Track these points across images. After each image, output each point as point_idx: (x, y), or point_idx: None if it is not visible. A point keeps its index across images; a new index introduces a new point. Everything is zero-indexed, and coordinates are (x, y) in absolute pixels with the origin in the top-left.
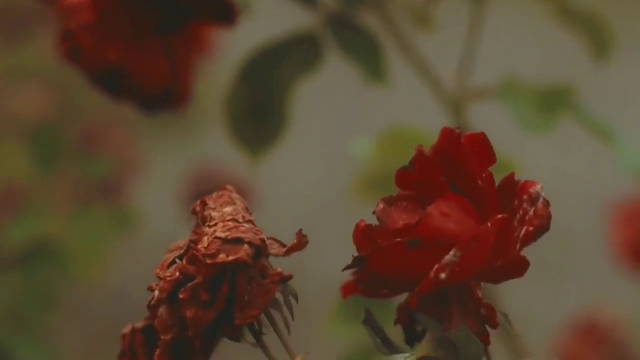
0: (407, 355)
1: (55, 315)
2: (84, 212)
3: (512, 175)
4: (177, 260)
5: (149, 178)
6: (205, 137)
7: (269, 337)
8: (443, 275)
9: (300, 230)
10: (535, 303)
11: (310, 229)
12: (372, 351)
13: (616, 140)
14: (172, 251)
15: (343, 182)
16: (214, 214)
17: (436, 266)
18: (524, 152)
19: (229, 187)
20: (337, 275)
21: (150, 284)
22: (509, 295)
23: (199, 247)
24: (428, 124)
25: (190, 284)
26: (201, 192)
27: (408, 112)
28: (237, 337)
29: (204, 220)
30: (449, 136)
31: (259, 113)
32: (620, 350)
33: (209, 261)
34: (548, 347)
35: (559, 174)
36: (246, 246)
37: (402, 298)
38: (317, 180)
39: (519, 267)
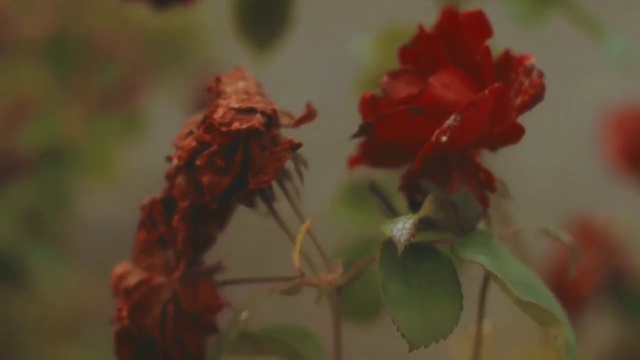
0: (409, 216)
1: (67, 218)
2: (95, 118)
3: (508, 50)
4: (194, 130)
5: (157, 85)
6: (211, 45)
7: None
8: (444, 138)
9: (309, 102)
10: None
11: (312, 134)
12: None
13: (604, 34)
14: (188, 124)
15: (346, 84)
16: (227, 88)
17: (437, 130)
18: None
19: (241, 66)
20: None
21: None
22: None
23: (214, 116)
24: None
25: (206, 151)
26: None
27: (408, 11)
28: (250, 203)
29: (218, 95)
30: (448, 14)
31: (265, 10)
32: (613, 251)
33: (223, 129)
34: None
35: (553, 79)
36: (258, 115)
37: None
38: (321, 84)
39: (515, 134)
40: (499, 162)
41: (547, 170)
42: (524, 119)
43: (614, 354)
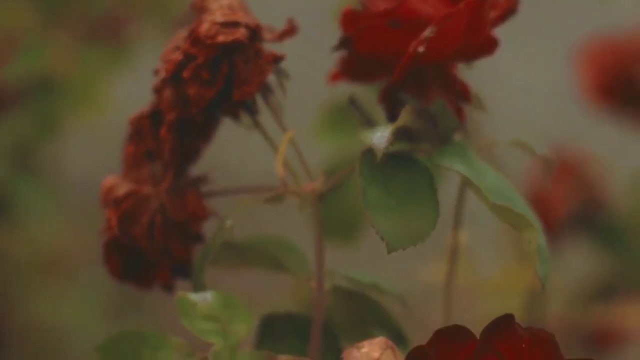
0: (388, 125)
1: (56, 151)
2: (83, 50)
3: None
4: (181, 45)
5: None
6: None
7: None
8: (421, 49)
9: (291, 17)
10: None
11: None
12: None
13: None
14: (175, 39)
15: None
16: (212, 5)
17: (414, 42)
18: None
19: None
20: (324, 88)
21: None
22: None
23: (200, 30)
24: None
25: (192, 64)
26: None
27: None
28: (235, 115)
29: (203, 11)
30: None
31: None
32: (586, 182)
33: (208, 42)
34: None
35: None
36: (243, 28)
37: None
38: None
39: (490, 46)
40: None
41: (522, 102)
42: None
43: (587, 284)
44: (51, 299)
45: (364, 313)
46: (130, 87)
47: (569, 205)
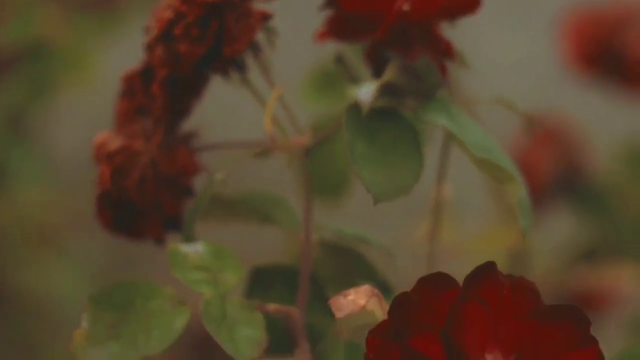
0: (373, 81)
1: (48, 118)
2: (75, 16)
3: None
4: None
5: None
6: None
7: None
8: (406, 7)
9: None
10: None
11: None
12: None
13: None
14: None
15: None
16: None
17: (399, 0)
18: None
19: None
20: (312, 48)
21: None
22: None
23: None
24: None
25: (182, 21)
26: None
27: None
28: (225, 72)
29: None
30: None
31: None
32: (569, 149)
33: (199, 0)
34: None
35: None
36: None
37: None
38: None
39: (472, 5)
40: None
41: (505, 69)
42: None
43: (570, 246)
44: (40, 268)
45: (351, 266)
46: (121, 56)
47: (551, 170)
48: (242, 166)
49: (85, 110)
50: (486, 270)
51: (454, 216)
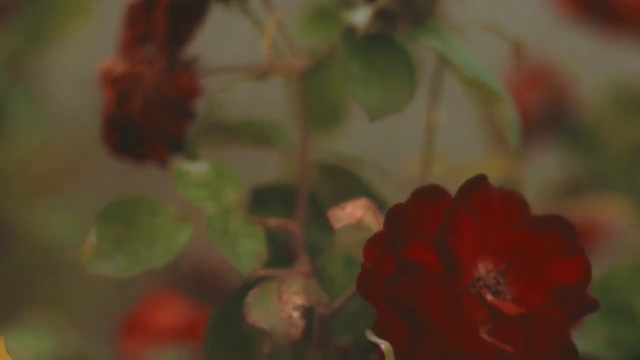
0: (367, 6)
1: (48, 65)
2: None
3: None
4: None
5: None
6: None
7: None
8: None
9: None
10: None
11: None
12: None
13: None
14: None
15: None
16: None
17: None
18: None
19: None
20: None
21: None
22: None
23: None
24: None
25: None
26: None
27: None
28: (224, 0)
29: None
30: None
31: None
32: (558, 89)
33: None
34: None
35: None
36: None
37: None
38: None
39: None
40: None
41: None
42: None
43: (557, 182)
44: (40, 213)
45: (348, 187)
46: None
47: (539, 108)
48: (241, 92)
49: (85, 56)
50: (477, 182)
51: (446, 145)
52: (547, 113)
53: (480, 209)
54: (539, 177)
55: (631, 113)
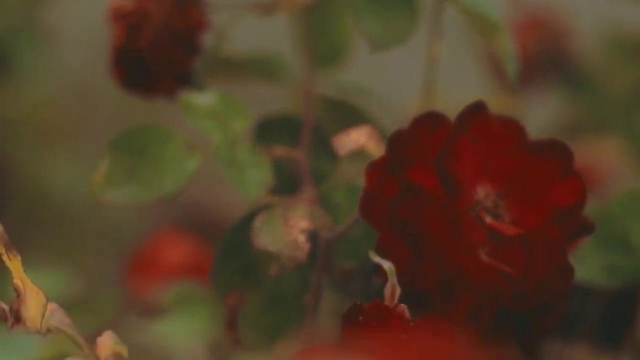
0: None
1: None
2: None
3: None
4: None
5: None
6: None
7: None
8: None
9: None
10: None
11: None
12: None
13: None
14: None
15: None
16: None
17: None
18: None
19: None
20: None
21: None
22: None
23: None
24: None
25: None
26: None
27: None
28: None
29: None
30: None
31: None
32: (556, 37)
33: None
34: None
35: None
36: None
37: None
38: None
39: None
40: None
41: None
42: None
43: (555, 127)
44: (46, 161)
45: (351, 120)
46: None
47: (536, 54)
48: (246, 27)
49: (95, 5)
50: (477, 109)
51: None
52: (546, 59)
53: (480, 134)
54: (537, 121)
55: (628, 58)
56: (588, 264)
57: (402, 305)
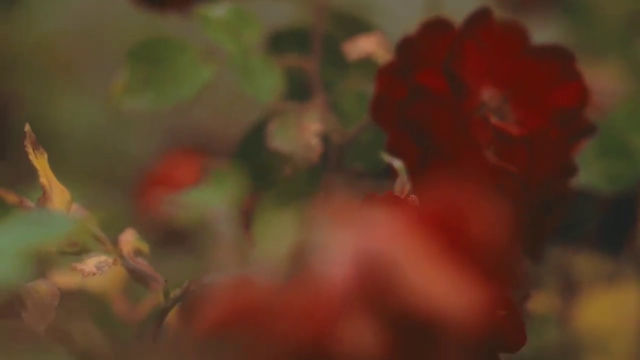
0: None
1: None
2: None
3: None
4: None
5: None
6: None
7: None
8: None
9: None
10: None
11: None
12: None
13: None
14: None
15: None
16: None
17: None
18: None
19: None
20: None
21: None
22: None
23: None
24: None
25: None
26: None
27: None
28: None
29: None
30: None
31: None
32: None
33: None
34: None
35: None
36: None
37: None
38: None
39: None
40: None
41: None
42: None
43: None
44: (54, 96)
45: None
46: None
47: None
48: None
49: None
50: (482, 14)
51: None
52: None
53: (485, 38)
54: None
55: None
56: (588, 170)
57: (413, 195)
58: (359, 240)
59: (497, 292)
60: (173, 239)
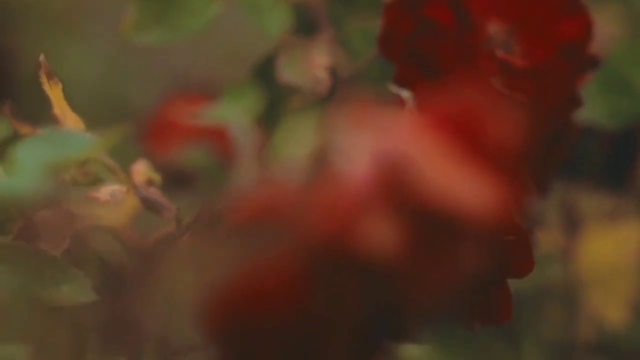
0: None
1: None
2: None
3: None
4: None
5: None
6: None
7: None
8: None
9: None
10: None
11: None
12: None
13: None
14: None
15: None
16: None
17: None
18: None
19: None
20: None
21: None
22: None
23: None
24: None
25: None
26: None
27: None
28: None
29: None
30: None
31: None
32: None
33: None
34: None
35: None
36: None
37: None
38: None
39: None
40: None
41: None
42: None
43: None
44: (55, 48)
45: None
46: None
47: None
48: None
49: None
50: None
51: None
52: None
53: None
54: None
55: None
56: (590, 106)
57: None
58: (378, 141)
59: (511, 190)
60: (179, 181)
